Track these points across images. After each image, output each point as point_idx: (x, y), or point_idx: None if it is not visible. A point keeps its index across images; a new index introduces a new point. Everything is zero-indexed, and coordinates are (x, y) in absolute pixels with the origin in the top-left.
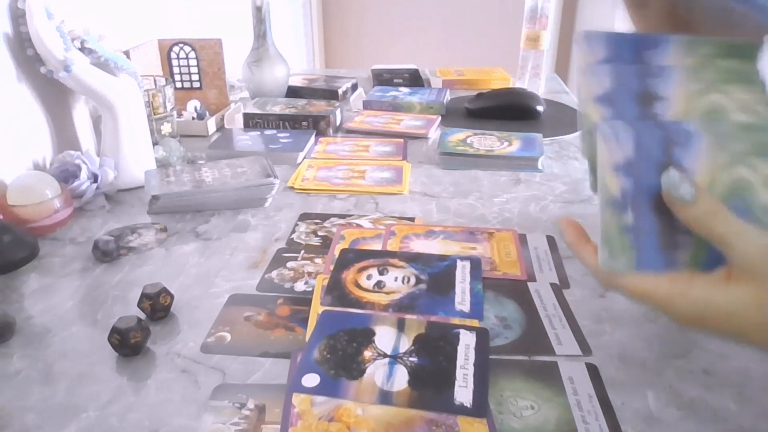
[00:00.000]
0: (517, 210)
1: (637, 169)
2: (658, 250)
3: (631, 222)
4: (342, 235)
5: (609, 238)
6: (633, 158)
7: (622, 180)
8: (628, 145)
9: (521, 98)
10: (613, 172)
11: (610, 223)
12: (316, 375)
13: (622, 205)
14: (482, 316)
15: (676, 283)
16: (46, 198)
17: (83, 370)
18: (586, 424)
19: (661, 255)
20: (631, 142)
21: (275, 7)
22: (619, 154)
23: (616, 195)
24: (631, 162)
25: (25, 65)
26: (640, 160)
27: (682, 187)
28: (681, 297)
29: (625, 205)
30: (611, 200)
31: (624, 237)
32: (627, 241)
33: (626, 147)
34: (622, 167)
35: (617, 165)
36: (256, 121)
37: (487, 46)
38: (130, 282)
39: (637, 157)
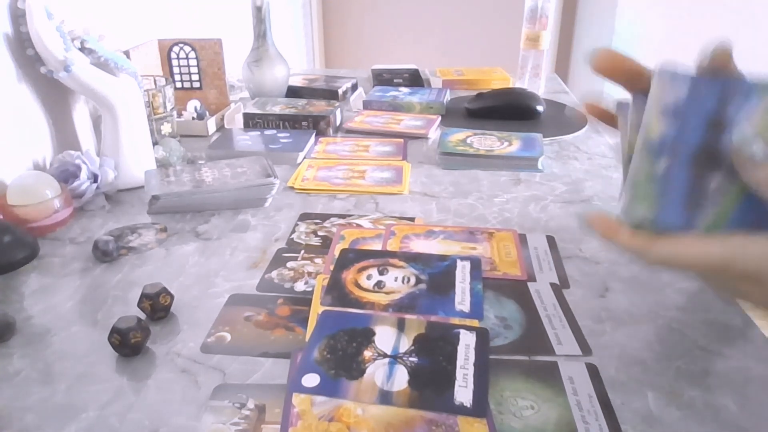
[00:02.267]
0: (517, 210)
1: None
2: (682, 206)
3: (663, 170)
4: (342, 235)
5: (636, 183)
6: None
7: (666, 125)
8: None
9: (521, 98)
10: (660, 114)
11: (640, 167)
12: (316, 375)
13: (659, 150)
14: (482, 316)
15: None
16: (46, 198)
17: (83, 370)
18: (586, 424)
19: (683, 212)
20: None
21: (275, 7)
22: (670, 96)
23: (655, 139)
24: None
25: (25, 65)
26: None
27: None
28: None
29: (662, 152)
30: (649, 144)
31: (651, 185)
32: (653, 189)
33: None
34: (671, 110)
35: (666, 107)
36: (256, 121)
37: (487, 46)
38: (130, 282)
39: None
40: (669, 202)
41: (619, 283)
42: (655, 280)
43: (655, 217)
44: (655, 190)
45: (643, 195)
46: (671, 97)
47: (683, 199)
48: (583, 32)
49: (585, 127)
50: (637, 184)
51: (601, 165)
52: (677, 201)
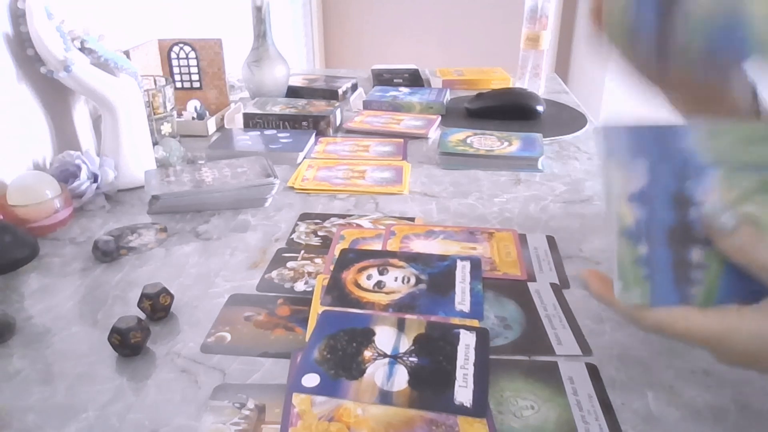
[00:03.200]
0: (517, 210)
1: (652, 200)
2: (672, 285)
3: (646, 253)
4: (342, 235)
5: (623, 270)
6: (647, 188)
7: (636, 210)
8: (643, 176)
9: (521, 98)
10: (628, 201)
11: (624, 254)
12: (316, 375)
13: (637, 235)
14: (482, 316)
15: (726, 315)
16: (46, 198)
17: (83, 370)
18: (586, 424)
19: (675, 290)
20: (646, 173)
21: (275, 7)
22: (633, 184)
23: (631, 225)
24: (646, 192)
25: (25, 65)
26: (655, 190)
27: (723, 216)
28: (733, 330)
29: (640, 236)
30: (625, 230)
31: (638, 269)
32: (641, 272)
33: (641, 176)
34: (637, 197)
35: (632, 194)
36: (256, 121)
37: (487, 46)
38: (130, 282)
39: (652, 187)
40: (659, 283)
41: None
42: None
43: (651, 300)
44: (642, 273)
45: (634, 280)
46: (635, 184)
47: (672, 278)
48: (583, 32)
49: (585, 127)
50: (624, 271)
51: None
52: (667, 280)
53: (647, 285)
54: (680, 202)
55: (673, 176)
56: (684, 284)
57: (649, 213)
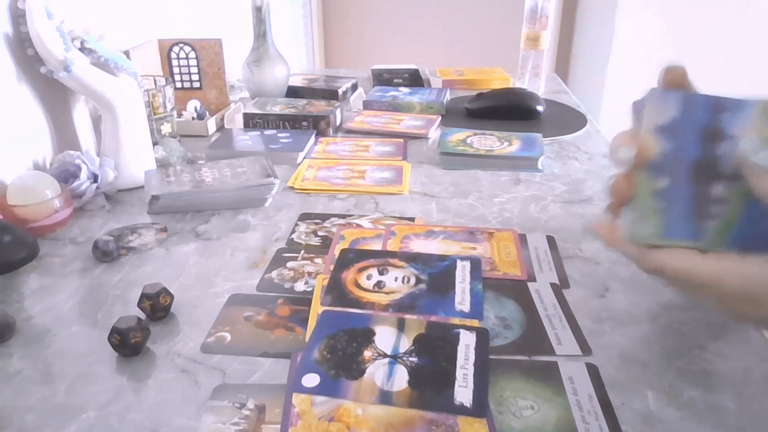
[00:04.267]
0: (517, 210)
1: (681, 132)
2: (688, 218)
3: (666, 186)
4: (342, 235)
5: (639, 201)
6: (678, 120)
7: (663, 142)
8: (675, 107)
9: (521, 98)
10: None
11: (642, 185)
12: (316, 375)
13: (659, 167)
14: (482, 316)
15: (724, 259)
16: (46, 198)
17: (83, 370)
18: (586, 424)
19: (690, 223)
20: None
21: (275, 7)
22: (664, 115)
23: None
24: (676, 124)
25: (25, 65)
26: (686, 122)
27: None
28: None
29: (663, 168)
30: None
31: (655, 201)
32: (658, 205)
33: (673, 108)
34: (666, 128)
35: (661, 125)
36: (256, 121)
37: (487, 46)
38: (130, 282)
39: (683, 120)
40: (675, 216)
41: (619, 283)
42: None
43: (663, 232)
44: (659, 205)
45: (649, 212)
46: (665, 116)
47: (689, 212)
48: (583, 32)
49: (585, 127)
50: (640, 202)
51: (601, 165)
52: (683, 215)
53: (661, 217)
54: (711, 135)
55: (707, 109)
56: (700, 219)
57: (676, 145)
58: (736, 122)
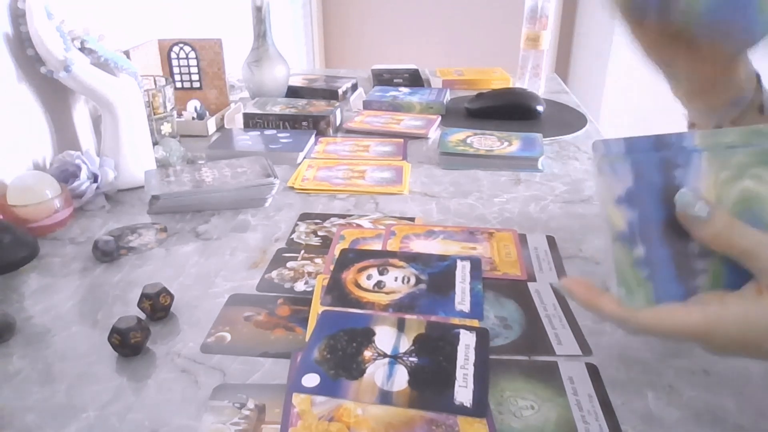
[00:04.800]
0: (517, 210)
1: (641, 199)
2: (675, 280)
3: (643, 254)
4: (342, 235)
5: (623, 275)
6: (634, 188)
7: (626, 212)
8: (627, 176)
9: (521, 98)
10: (616, 205)
11: (621, 259)
12: (316, 375)
13: (631, 238)
14: (482, 316)
15: (708, 307)
16: (46, 198)
17: (83, 370)
18: (586, 424)
19: (679, 284)
20: (630, 172)
21: (275, 7)
22: (619, 186)
23: (623, 228)
24: (633, 192)
25: (25, 65)
26: (642, 188)
27: (696, 206)
28: (718, 321)
29: (634, 238)
30: (619, 235)
31: (638, 271)
32: (641, 274)
33: (625, 178)
34: (625, 199)
35: (619, 197)
36: (256, 121)
37: (487, 46)
38: (130, 282)
39: (638, 186)
40: (662, 280)
41: None
42: None
43: (656, 299)
44: (643, 274)
45: (635, 283)
46: (620, 187)
47: (674, 273)
48: (583, 32)
49: (585, 127)
50: (624, 275)
51: None
52: (669, 277)
53: (650, 285)
54: (670, 194)
55: (658, 169)
56: (687, 277)
57: (639, 213)
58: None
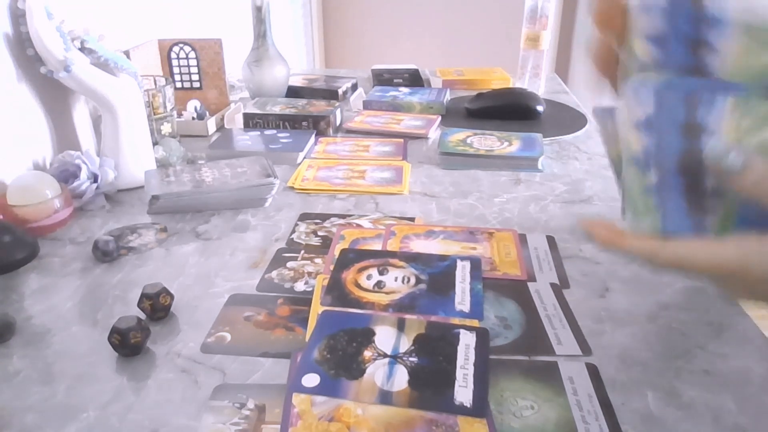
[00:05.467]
0: (517, 210)
1: (659, 128)
2: (684, 213)
3: (655, 181)
4: (342, 235)
5: (632, 198)
6: (654, 116)
7: (643, 137)
8: (649, 102)
9: (521, 98)
10: (635, 129)
11: (633, 182)
12: (316, 375)
13: (645, 163)
14: (482, 316)
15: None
16: (46, 198)
17: (83, 370)
18: (586, 424)
19: (687, 219)
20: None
21: (275, 7)
22: (639, 111)
23: (638, 153)
24: (653, 120)
25: (25, 65)
26: (662, 118)
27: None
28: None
29: (648, 164)
30: (633, 158)
31: (648, 197)
32: (651, 201)
33: (647, 104)
34: (644, 124)
35: (638, 122)
36: (256, 121)
37: (487, 46)
38: (130, 282)
39: (659, 115)
40: (671, 211)
41: (619, 283)
42: (655, 280)
43: (663, 227)
44: (653, 201)
45: (644, 208)
46: (641, 111)
47: (684, 206)
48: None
49: (585, 127)
50: (633, 199)
51: (601, 165)
52: (678, 208)
53: (658, 214)
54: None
55: (681, 104)
56: (697, 212)
57: (656, 140)
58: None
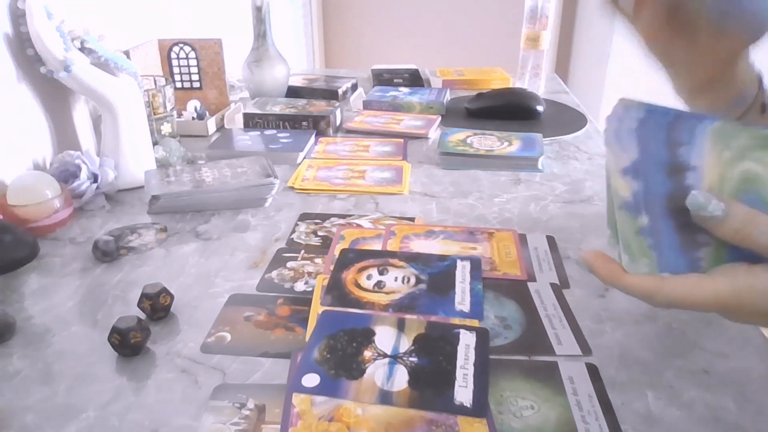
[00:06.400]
0: (517, 210)
1: (645, 171)
2: (679, 250)
3: (647, 223)
4: (342, 235)
5: (627, 243)
6: (639, 161)
7: (631, 182)
8: (633, 149)
9: (521, 98)
10: (622, 175)
11: (625, 227)
12: (316, 375)
13: (635, 207)
14: (482, 316)
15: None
16: (46, 198)
17: (83, 370)
18: (586, 424)
19: (682, 255)
20: (635, 146)
21: (275, 7)
22: (624, 158)
23: (628, 198)
24: (638, 164)
25: (25, 65)
26: (647, 162)
27: (710, 206)
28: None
29: (638, 207)
30: (624, 204)
31: (641, 239)
32: (645, 243)
33: (631, 150)
34: (630, 170)
35: (625, 168)
36: (256, 121)
37: (487, 46)
38: (130, 282)
39: (643, 160)
40: (665, 250)
41: None
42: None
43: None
44: (646, 243)
45: (639, 251)
46: (626, 157)
47: (677, 244)
48: (583, 32)
49: (585, 127)
50: (628, 243)
51: (601, 165)
52: (673, 247)
53: (653, 254)
54: (675, 169)
55: (663, 145)
56: (691, 248)
57: (644, 184)
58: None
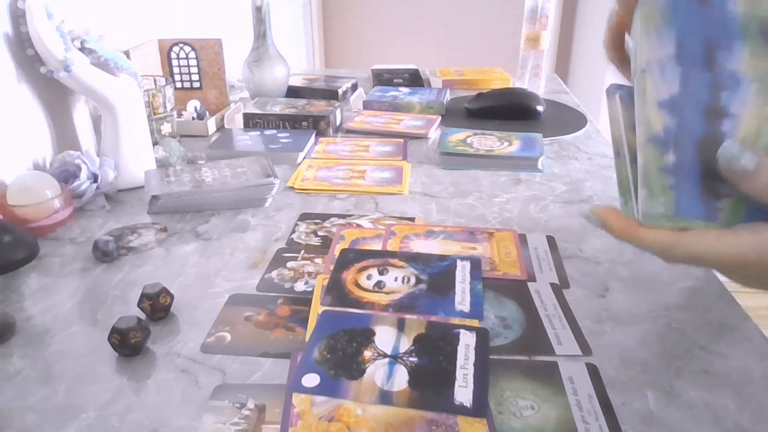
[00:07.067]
0: (517, 210)
1: (682, 109)
2: (698, 197)
3: (673, 161)
4: (342, 235)
5: (648, 178)
6: (678, 96)
7: (665, 117)
8: (675, 83)
9: (521, 98)
10: (658, 108)
11: (650, 161)
12: (316, 375)
13: (665, 142)
14: (482, 316)
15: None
16: (46, 198)
17: (83, 370)
18: (586, 424)
19: (701, 202)
20: (678, 80)
21: (275, 7)
22: (664, 90)
23: (659, 132)
24: (677, 100)
25: (25, 65)
26: (686, 99)
27: (742, 159)
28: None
29: (668, 144)
30: (653, 137)
31: (664, 177)
32: (667, 182)
33: (672, 84)
34: (667, 104)
35: (662, 101)
36: (256, 121)
37: (487, 46)
38: (130, 282)
39: (683, 96)
40: (685, 192)
41: (619, 283)
42: (655, 280)
43: (675, 210)
44: (669, 182)
45: (659, 189)
46: (665, 91)
47: (698, 190)
48: (583, 32)
49: (585, 127)
50: (649, 178)
51: (601, 165)
52: (693, 191)
53: (672, 195)
54: (713, 113)
55: (706, 87)
56: (711, 197)
57: (678, 121)
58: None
